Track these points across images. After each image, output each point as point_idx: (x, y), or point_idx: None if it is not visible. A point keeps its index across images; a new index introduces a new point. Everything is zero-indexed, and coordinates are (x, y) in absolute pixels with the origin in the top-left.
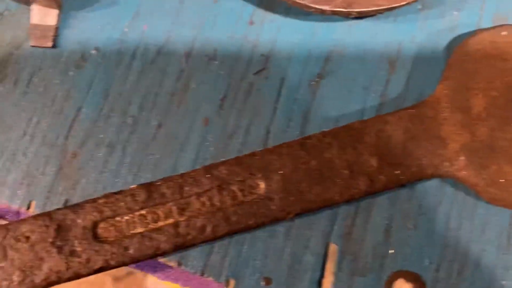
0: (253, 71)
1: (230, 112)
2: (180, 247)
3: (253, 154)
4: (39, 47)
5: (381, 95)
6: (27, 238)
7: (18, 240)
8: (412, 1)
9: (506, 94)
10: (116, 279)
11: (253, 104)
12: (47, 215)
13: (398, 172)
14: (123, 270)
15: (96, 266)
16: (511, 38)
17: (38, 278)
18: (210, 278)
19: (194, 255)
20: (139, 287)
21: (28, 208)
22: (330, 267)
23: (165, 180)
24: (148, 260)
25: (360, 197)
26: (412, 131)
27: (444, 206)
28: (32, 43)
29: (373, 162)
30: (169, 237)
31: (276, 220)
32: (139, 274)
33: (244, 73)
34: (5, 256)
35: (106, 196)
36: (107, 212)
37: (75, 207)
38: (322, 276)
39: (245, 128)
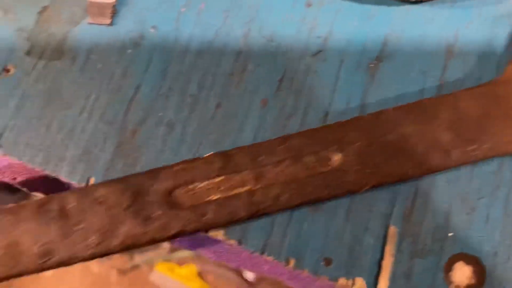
0: (311, 53)
1: (288, 93)
2: (255, 215)
3: (328, 126)
4: (96, 24)
5: (440, 79)
6: (104, 202)
7: (95, 204)
8: None
9: None
10: (121, 272)
11: (311, 86)
12: (123, 180)
13: (473, 148)
14: (128, 263)
15: (172, 232)
16: None
17: (114, 242)
18: (270, 257)
19: (254, 234)
20: (144, 281)
21: (87, 185)
22: (389, 249)
23: (240, 149)
24: (225, 226)
25: (434, 172)
26: (485, 108)
27: (503, 190)
28: (89, 20)
29: (448, 137)
30: (245, 204)
31: (350, 192)
32: (144, 268)
33: (302, 55)
34: (82, 219)
35: (182, 163)
36: (183, 179)
37: (151, 173)
38: (382, 257)
39: (303, 109)
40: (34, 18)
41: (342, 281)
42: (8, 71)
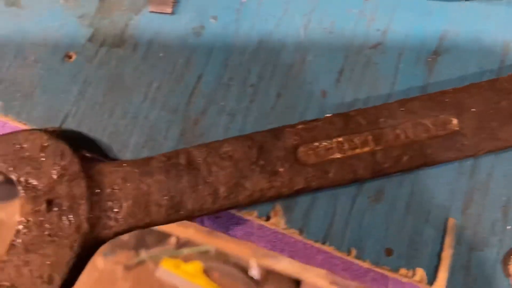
0: (369, 45)
1: (348, 85)
2: (377, 174)
3: (445, 92)
4: (158, 13)
5: (496, 74)
6: (231, 157)
7: (222, 158)
8: None
9: None
10: (127, 268)
11: (371, 78)
12: (248, 137)
13: None
14: (134, 259)
15: (297, 187)
16: None
17: (242, 195)
18: (332, 247)
19: (316, 224)
20: (150, 277)
21: None
22: (449, 241)
23: (360, 111)
24: (347, 184)
25: None
26: None
27: None
28: (151, 8)
29: None
30: (367, 164)
31: (467, 156)
32: (149, 264)
33: (361, 47)
34: (210, 172)
35: (304, 122)
36: (307, 137)
37: (275, 131)
38: (441, 249)
39: (363, 101)
40: (95, 5)
41: (402, 271)
42: (70, 57)
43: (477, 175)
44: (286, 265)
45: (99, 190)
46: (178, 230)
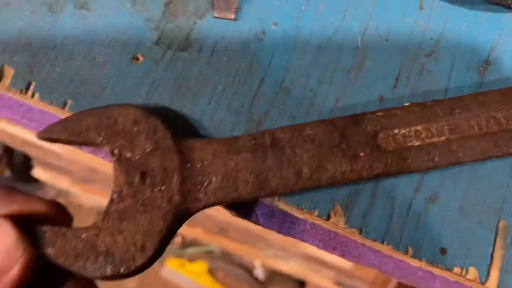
0: (424, 53)
1: (404, 90)
2: (453, 163)
3: None
4: (221, 18)
5: None
6: (313, 139)
7: (305, 141)
8: None
9: None
10: None
11: (426, 84)
12: (330, 121)
13: None
14: None
15: (377, 171)
16: None
17: (324, 176)
18: (390, 246)
19: (375, 224)
20: (155, 276)
21: None
22: (500, 242)
23: (436, 102)
24: (425, 171)
25: None
26: None
27: None
28: (215, 14)
29: None
30: (443, 152)
31: None
32: (155, 263)
33: (416, 54)
34: (294, 153)
35: (384, 110)
36: (386, 124)
37: (356, 117)
38: (493, 250)
39: None
40: (161, 9)
41: (456, 270)
42: (137, 59)
43: None
44: (293, 266)
45: (190, 165)
46: (183, 229)
